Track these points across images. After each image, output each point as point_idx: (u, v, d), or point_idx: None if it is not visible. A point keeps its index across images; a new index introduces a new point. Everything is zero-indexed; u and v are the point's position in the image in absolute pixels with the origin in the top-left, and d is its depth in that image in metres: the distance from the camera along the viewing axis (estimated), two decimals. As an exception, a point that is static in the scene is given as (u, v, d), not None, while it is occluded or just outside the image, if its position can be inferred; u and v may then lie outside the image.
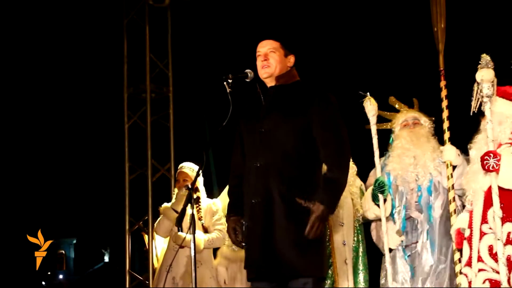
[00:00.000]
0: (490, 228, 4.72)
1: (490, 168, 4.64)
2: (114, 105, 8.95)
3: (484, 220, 4.78)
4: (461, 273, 4.93)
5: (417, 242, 5.39)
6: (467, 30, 7.42)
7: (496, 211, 4.61)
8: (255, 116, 4.38)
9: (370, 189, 5.42)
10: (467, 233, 4.89)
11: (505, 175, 4.63)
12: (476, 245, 4.77)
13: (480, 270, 4.73)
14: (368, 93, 5.46)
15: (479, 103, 4.80)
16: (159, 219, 6.50)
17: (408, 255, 5.39)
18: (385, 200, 5.34)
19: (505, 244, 4.68)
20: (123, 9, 8.79)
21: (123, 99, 8.77)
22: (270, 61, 4.38)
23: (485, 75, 4.76)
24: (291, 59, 4.45)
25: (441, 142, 5.46)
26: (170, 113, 8.80)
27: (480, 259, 4.74)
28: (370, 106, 5.43)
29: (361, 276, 5.66)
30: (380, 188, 5.30)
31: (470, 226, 4.86)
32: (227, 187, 4.80)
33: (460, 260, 5.08)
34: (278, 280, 4.24)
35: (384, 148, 5.69)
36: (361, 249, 5.71)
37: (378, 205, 5.33)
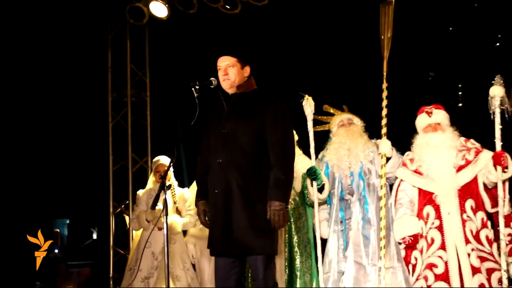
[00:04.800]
0: (469, 216, 4.84)
1: (504, 164, 4.75)
2: (100, 107, 8.87)
3: (463, 210, 4.88)
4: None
5: (350, 218, 5.38)
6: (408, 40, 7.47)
7: (500, 195, 4.76)
8: (219, 119, 4.39)
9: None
10: (422, 224, 4.99)
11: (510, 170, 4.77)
12: (459, 231, 4.82)
13: (472, 249, 4.77)
14: (306, 94, 5.44)
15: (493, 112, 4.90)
16: (133, 217, 6.51)
17: (342, 229, 5.39)
18: (323, 185, 5.34)
19: (480, 229, 4.82)
20: (108, 26, 8.74)
21: (107, 102, 8.73)
22: (229, 75, 4.39)
23: (499, 91, 4.88)
24: (247, 70, 4.45)
25: (379, 136, 5.46)
26: (147, 114, 8.77)
27: (468, 241, 4.80)
28: (306, 105, 5.42)
29: (297, 258, 5.53)
30: (312, 175, 5.29)
31: (439, 217, 4.92)
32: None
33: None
34: (236, 256, 4.28)
35: (322, 145, 5.70)
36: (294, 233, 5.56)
37: (319, 190, 5.33)
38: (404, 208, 5.08)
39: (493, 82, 4.91)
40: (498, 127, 4.85)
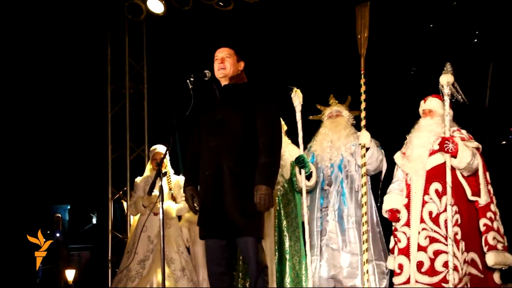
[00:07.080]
0: (431, 199, 4.77)
1: (449, 151, 4.65)
2: (100, 98, 8.87)
3: (426, 192, 4.81)
4: (396, 230, 4.97)
5: (327, 207, 5.40)
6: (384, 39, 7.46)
7: (448, 182, 4.66)
8: (212, 107, 4.38)
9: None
10: (405, 202, 4.92)
11: (460, 158, 4.67)
12: (418, 210, 4.79)
13: (423, 229, 4.75)
14: (295, 87, 5.41)
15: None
16: (131, 203, 6.51)
17: (320, 216, 5.41)
18: (311, 173, 5.32)
19: (442, 212, 4.73)
20: (108, 22, 8.69)
21: (107, 94, 8.70)
22: (225, 64, 4.40)
23: (448, 79, 4.79)
24: (241, 64, 4.47)
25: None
26: (145, 105, 8.74)
27: (422, 221, 4.77)
28: (295, 97, 5.39)
29: (286, 242, 5.45)
30: (300, 163, 5.26)
31: (408, 196, 4.89)
32: None
33: (366, 222, 5.16)
34: (226, 237, 4.23)
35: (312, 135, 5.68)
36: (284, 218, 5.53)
37: (307, 178, 5.31)
38: (393, 185, 5.11)
39: (443, 71, 4.85)
40: (446, 112, 4.77)
